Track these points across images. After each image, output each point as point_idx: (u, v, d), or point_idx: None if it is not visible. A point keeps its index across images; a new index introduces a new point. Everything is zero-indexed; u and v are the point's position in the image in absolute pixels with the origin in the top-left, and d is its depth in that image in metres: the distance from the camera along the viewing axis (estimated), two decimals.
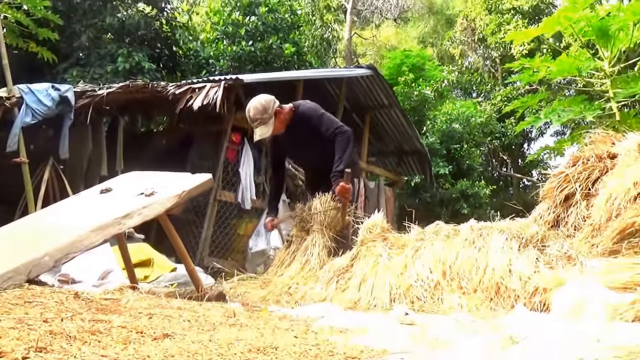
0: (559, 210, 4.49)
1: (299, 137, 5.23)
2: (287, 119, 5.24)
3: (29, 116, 7.65)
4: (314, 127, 5.18)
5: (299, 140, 5.27)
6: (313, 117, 5.26)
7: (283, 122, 5.22)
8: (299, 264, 4.83)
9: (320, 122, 5.20)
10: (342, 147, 5.09)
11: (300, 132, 5.21)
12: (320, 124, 5.19)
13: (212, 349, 1.84)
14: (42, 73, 11.54)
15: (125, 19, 12.88)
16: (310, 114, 5.29)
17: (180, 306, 2.90)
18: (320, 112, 5.31)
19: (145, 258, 5.29)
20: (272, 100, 5.16)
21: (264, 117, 5.06)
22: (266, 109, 5.06)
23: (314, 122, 5.20)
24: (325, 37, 19.97)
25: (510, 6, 22.12)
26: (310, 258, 4.81)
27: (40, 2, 9.28)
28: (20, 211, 7.55)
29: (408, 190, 15.92)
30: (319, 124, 5.18)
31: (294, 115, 5.28)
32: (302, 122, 5.23)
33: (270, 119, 5.08)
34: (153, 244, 6.08)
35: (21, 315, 2.01)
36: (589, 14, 7.54)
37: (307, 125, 5.21)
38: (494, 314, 3.26)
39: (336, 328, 2.69)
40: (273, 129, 5.14)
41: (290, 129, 5.28)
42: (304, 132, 5.19)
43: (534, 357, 1.74)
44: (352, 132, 5.27)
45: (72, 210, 3.86)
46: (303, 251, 4.93)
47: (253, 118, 5.10)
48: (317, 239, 4.92)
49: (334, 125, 5.17)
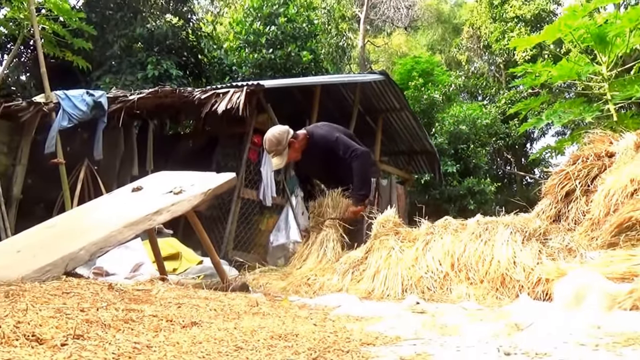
0: (560, 206, 4.47)
1: (316, 160, 5.24)
2: (302, 146, 5.23)
3: (65, 120, 7.71)
4: (330, 150, 5.18)
5: (316, 162, 5.28)
6: (328, 142, 5.23)
7: (298, 151, 5.21)
8: (316, 256, 4.83)
9: (336, 146, 5.17)
10: (358, 172, 5.08)
11: (316, 156, 5.23)
12: (337, 148, 5.16)
13: (237, 336, 1.84)
14: (77, 80, 11.63)
15: (154, 29, 12.94)
16: (325, 141, 5.27)
17: (207, 296, 2.90)
18: (334, 137, 5.25)
19: (174, 252, 5.31)
20: (286, 132, 5.13)
21: (279, 148, 5.06)
22: (280, 141, 5.06)
23: (329, 147, 5.19)
24: (340, 45, 19.91)
25: (514, 15, 21.95)
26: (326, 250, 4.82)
27: (75, 14, 9.37)
28: (58, 208, 7.62)
29: (418, 188, 15.87)
30: (336, 148, 5.16)
31: (308, 142, 5.27)
32: (317, 148, 5.23)
33: (284, 150, 5.08)
34: (181, 239, 6.10)
35: (59, 305, 2.03)
36: (588, 21, 7.49)
37: (323, 150, 5.21)
38: (500, 303, 3.25)
39: (352, 316, 2.69)
40: (288, 158, 5.18)
41: (306, 154, 5.28)
42: (320, 156, 5.20)
43: (538, 343, 1.72)
44: (368, 151, 5.25)
45: (106, 208, 3.88)
46: (319, 245, 4.93)
47: (269, 150, 5.13)
48: (331, 234, 4.93)
49: (349, 149, 5.12)
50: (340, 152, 5.12)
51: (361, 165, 5.08)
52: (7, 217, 7.37)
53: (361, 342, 1.92)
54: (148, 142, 8.98)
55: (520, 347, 1.71)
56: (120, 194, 4.19)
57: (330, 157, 5.14)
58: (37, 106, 7.80)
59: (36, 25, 8.17)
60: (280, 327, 2.12)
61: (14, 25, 9.37)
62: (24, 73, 13.50)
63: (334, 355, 1.71)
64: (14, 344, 1.44)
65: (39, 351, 1.41)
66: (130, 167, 8.70)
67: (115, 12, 12.92)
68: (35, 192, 8.45)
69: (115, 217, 3.42)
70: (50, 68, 8.48)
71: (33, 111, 7.78)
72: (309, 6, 14.97)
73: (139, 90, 9.27)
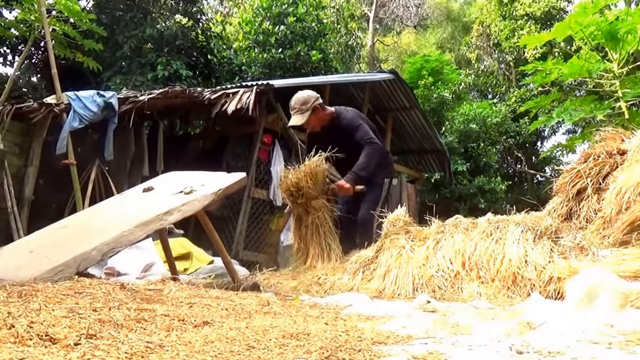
0: (571, 204, 4.45)
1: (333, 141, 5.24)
2: (324, 120, 5.33)
3: (76, 121, 7.75)
4: (350, 132, 5.23)
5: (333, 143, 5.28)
6: (351, 125, 5.31)
7: (319, 121, 5.31)
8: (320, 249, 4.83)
9: (356, 130, 5.25)
10: (367, 155, 5.14)
11: (335, 136, 5.23)
12: (356, 131, 5.23)
13: (249, 335, 1.84)
14: (88, 81, 11.69)
15: (164, 30, 12.98)
16: (349, 122, 5.36)
17: (218, 296, 2.91)
18: (357, 123, 5.34)
19: (184, 251, 5.32)
20: (315, 97, 5.27)
21: (302, 107, 5.19)
22: (306, 101, 5.20)
23: (350, 129, 5.25)
24: (349, 44, 19.91)
25: (524, 12, 21.85)
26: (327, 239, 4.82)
27: (85, 16, 9.41)
28: (69, 209, 7.65)
29: (428, 187, 15.84)
30: (355, 131, 5.22)
31: (332, 120, 5.35)
32: (339, 129, 5.28)
33: (307, 112, 5.20)
34: (191, 239, 6.12)
35: (72, 305, 2.04)
36: (599, 18, 7.44)
37: (343, 132, 5.25)
38: (511, 301, 3.24)
39: (363, 315, 2.69)
40: (307, 122, 5.26)
41: (327, 131, 5.34)
42: (339, 137, 5.21)
43: (551, 342, 1.72)
44: (384, 147, 5.28)
45: (117, 208, 3.90)
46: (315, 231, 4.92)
47: (293, 106, 5.26)
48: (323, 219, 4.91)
49: (368, 136, 5.21)
50: (358, 136, 5.20)
51: (372, 152, 5.17)
52: (19, 218, 7.41)
53: (373, 341, 1.92)
54: (158, 142, 9.02)
55: (532, 345, 1.71)
56: (131, 194, 4.21)
57: (347, 143, 5.16)
58: (48, 107, 7.84)
59: (47, 26, 8.21)
60: (291, 326, 2.12)
61: (25, 27, 9.41)
62: (35, 74, 13.59)
63: (345, 354, 1.71)
64: (27, 343, 1.46)
65: (53, 351, 1.42)
66: (141, 167, 8.73)
67: (125, 13, 12.98)
68: (46, 192, 8.50)
69: (126, 218, 3.43)
70: (61, 69, 8.52)
71: (44, 112, 7.82)
72: (318, 5, 14.98)
73: (149, 91, 9.30)
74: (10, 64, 12.94)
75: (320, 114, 5.29)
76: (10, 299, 2.10)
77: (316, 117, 5.26)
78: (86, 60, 9.64)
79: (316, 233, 4.95)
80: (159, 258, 4.62)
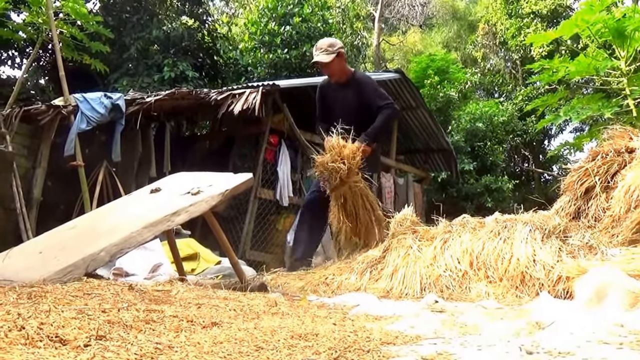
0: (579, 203, 4.44)
1: (348, 100, 5.29)
2: (344, 71, 5.43)
3: (84, 123, 7.77)
4: (365, 95, 5.31)
5: (346, 104, 5.30)
6: (368, 84, 5.47)
7: (341, 69, 5.40)
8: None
9: (374, 92, 5.37)
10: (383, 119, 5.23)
11: (350, 95, 5.33)
12: (375, 94, 5.33)
13: (257, 336, 1.84)
14: (95, 83, 11.71)
15: (170, 31, 13.00)
16: (367, 81, 5.50)
17: (226, 296, 2.91)
18: (376, 84, 5.52)
19: (192, 252, 5.33)
20: (341, 44, 5.41)
21: (329, 49, 5.29)
22: (333, 44, 5.32)
23: (367, 90, 5.37)
24: (355, 44, 19.89)
25: (530, 10, 21.75)
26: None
27: (92, 18, 9.44)
28: (77, 210, 7.67)
29: (435, 186, 15.80)
30: (373, 94, 5.34)
31: (350, 77, 5.44)
32: (356, 85, 5.38)
33: (333, 54, 5.27)
34: (199, 239, 6.13)
35: (81, 306, 2.04)
36: (605, 16, 7.40)
37: (359, 90, 5.34)
38: (520, 301, 3.23)
39: (371, 315, 2.68)
40: (331, 65, 5.33)
41: (342, 89, 5.40)
42: (354, 97, 5.29)
43: (561, 342, 1.71)
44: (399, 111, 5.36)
45: (125, 209, 3.91)
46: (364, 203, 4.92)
47: (319, 46, 5.36)
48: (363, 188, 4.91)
49: (388, 99, 5.37)
50: (377, 98, 5.30)
51: (390, 116, 5.34)
52: (28, 219, 7.43)
53: (381, 341, 1.91)
54: (165, 143, 9.03)
55: (542, 346, 1.70)
56: (138, 195, 4.22)
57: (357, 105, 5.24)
58: (56, 109, 7.86)
59: (55, 29, 8.23)
60: (300, 326, 2.12)
61: (32, 30, 9.44)
62: (42, 77, 13.65)
63: (354, 354, 1.70)
64: (37, 345, 1.46)
65: (63, 352, 1.42)
66: (148, 168, 8.74)
67: (131, 15, 13.02)
68: (55, 194, 8.52)
69: (134, 219, 3.44)
70: (69, 71, 8.54)
71: (52, 114, 7.84)
72: (324, 6, 14.96)
73: (155, 92, 9.32)
74: (18, 66, 13.01)
75: (344, 62, 5.41)
76: (20, 300, 2.10)
77: (340, 63, 5.35)
78: (93, 63, 9.67)
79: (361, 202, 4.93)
80: (167, 258, 4.63)
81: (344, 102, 5.33)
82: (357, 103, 5.22)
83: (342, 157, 4.77)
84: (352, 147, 4.78)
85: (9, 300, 2.08)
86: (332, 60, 5.28)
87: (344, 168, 4.74)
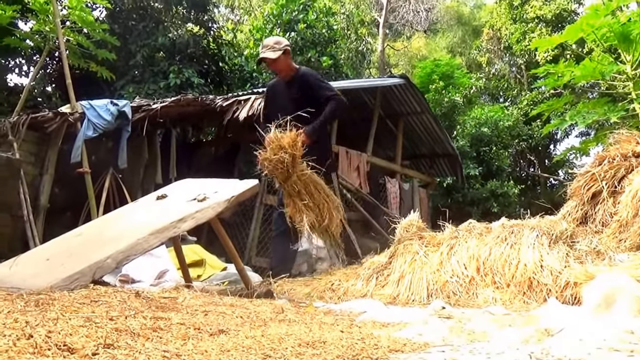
0: (586, 208, 4.42)
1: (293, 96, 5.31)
2: (290, 68, 5.52)
3: (90, 130, 7.79)
4: (310, 88, 5.33)
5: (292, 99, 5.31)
6: (313, 77, 5.51)
7: (287, 65, 5.50)
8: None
9: (319, 85, 5.39)
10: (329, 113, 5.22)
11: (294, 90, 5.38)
12: (319, 86, 5.36)
13: (264, 344, 1.83)
14: (102, 90, 11.74)
15: (175, 38, 13.05)
16: (311, 74, 5.58)
17: (233, 303, 2.90)
18: (320, 77, 5.62)
19: (198, 258, 5.32)
20: (287, 42, 5.55)
21: (275, 46, 5.39)
22: (279, 42, 5.46)
23: (311, 83, 5.38)
24: (360, 49, 19.92)
25: (534, 15, 21.74)
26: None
27: (99, 26, 9.48)
28: (84, 217, 7.68)
29: (441, 191, 15.77)
30: (317, 87, 5.35)
31: (295, 73, 5.51)
32: (300, 81, 5.42)
33: (279, 51, 5.37)
34: (204, 245, 6.11)
35: (89, 314, 2.04)
36: (611, 20, 7.39)
37: (304, 85, 5.38)
38: (527, 307, 3.21)
39: (378, 322, 2.67)
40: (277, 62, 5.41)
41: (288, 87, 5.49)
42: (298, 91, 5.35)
43: (570, 349, 1.69)
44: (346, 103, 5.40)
45: (131, 216, 3.91)
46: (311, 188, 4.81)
47: (265, 44, 5.47)
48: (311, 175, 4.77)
49: (333, 91, 5.34)
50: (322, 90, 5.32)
51: (335, 109, 5.28)
52: (35, 226, 7.44)
53: (389, 348, 1.90)
54: (171, 150, 9.05)
55: (552, 353, 1.68)
56: (145, 202, 4.22)
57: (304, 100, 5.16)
58: (63, 116, 7.88)
59: (61, 37, 8.27)
60: (307, 334, 2.11)
61: (40, 38, 9.48)
62: (49, 84, 13.68)
63: None
64: (46, 353, 1.45)
65: None
66: (154, 175, 8.76)
67: (137, 22, 13.06)
68: (62, 201, 8.53)
69: (140, 225, 3.44)
70: (75, 79, 8.57)
71: (59, 121, 7.87)
72: (328, 12, 14.99)
73: (161, 99, 9.33)
74: (25, 74, 13.04)
75: (289, 60, 5.51)
76: (27, 308, 2.10)
77: (286, 60, 5.45)
78: (100, 70, 9.71)
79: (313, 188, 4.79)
80: (173, 265, 4.62)
81: (289, 97, 5.37)
82: (302, 97, 5.24)
83: (282, 147, 4.70)
84: (290, 134, 4.67)
85: (16, 308, 2.07)
86: (278, 57, 5.38)
87: (288, 157, 4.66)
